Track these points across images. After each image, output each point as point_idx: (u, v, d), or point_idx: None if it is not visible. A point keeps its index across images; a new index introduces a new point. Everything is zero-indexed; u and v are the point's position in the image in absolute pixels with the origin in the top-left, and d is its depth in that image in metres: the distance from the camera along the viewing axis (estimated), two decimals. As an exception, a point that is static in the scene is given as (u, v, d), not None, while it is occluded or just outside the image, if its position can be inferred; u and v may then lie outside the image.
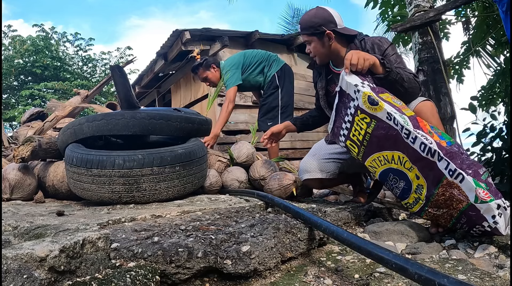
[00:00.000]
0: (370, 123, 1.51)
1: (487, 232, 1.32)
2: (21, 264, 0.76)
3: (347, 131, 1.65)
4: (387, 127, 1.45)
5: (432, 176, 1.37)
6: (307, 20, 1.89)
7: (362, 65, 1.57)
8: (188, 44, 5.52)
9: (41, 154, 2.21)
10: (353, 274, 1.11)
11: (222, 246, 1.06)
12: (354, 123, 1.59)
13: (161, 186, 1.80)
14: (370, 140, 1.55)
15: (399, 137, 1.42)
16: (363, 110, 1.51)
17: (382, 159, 1.54)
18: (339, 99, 1.67)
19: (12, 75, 14.42)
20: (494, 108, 4.39)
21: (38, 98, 13.43)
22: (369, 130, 1.53)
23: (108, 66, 15.67)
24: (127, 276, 0.84)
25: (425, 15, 3.34)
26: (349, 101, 1.58)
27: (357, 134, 1.59)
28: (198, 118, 2.24)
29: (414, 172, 1.43)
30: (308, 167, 2.07)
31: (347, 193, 3.13)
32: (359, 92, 1.51)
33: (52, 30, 15.78)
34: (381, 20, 5.18)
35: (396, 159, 1.48)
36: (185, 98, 6.77)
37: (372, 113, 1.48)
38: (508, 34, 2.30)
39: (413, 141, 1.37)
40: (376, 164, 1.57)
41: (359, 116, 1.54)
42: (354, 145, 1.64)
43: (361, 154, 1.62)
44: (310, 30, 1.88)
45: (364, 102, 1.49)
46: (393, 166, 1.51)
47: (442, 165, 1.32)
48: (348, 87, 1.58)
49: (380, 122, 1.47)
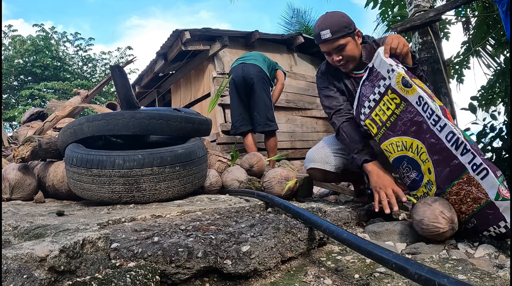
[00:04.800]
0: (400, 104, 1.50)
1: (499, 234, 1.29)
2: (21, 264, 0.76)
3: (369, 110, 1.63)
4: (415, 112, 1.44)
5: (448, 172, 1.34)
6: (337, 21, 1.75)
7: (401, 50, 1.58)
8: (188, 44, 5.52)
9: (41, 154, 2.21)
10: (353, 274, 1.11)
11: (222, 246, 1.06)
12: (381, 103, 1.57)
13: (161, 186, 1.80)
14: (394, 122, 1.53)
15: (424, 125, 1.40)
16: (394, 90, 1.50)
17: (400, 144, 1.52)
18: (367, 76, 1.63)
19: (12, 75, 14.42)
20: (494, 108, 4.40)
21: (38, 98, 13.43)
22: (397, 111, 1.51)
23: (108, 66, 15.66)
24: (127, 276, 0.84)
25: (425, 15, 3.34)
26: (379, 80, 1.57)
27: (381, 114, 1.58)
28: (198, 118, 2.24)
29: (427, 166, 1.42)
30: (314, 157, 2.06)
31: (347, 193, 3.13)
32: (393, 71, 1.49)
33: (52, 30, 15.79)
34: (381, 20, 5.18)
35: (414, 148, 1.47)
36: (185, 98, 6.76)
37: (403, 94, 1.47)
38: (508, 34, 2.30)
39: (440, 129, 1.34)
40: (393, 148, 1.55)
41: (389, 96, 1.53)
42: (373, 125, 1.62)
43: (380, 135, 1.60)
44: (345, 31, 1.75)
45: (397, 83, 1.48)
46: (409, 154, 1.49)
47: (465, 159, 1.28)
48: (381, 66, 1.56)
49: (409, 106, 1.46)
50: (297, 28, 11.73)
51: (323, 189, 3.64)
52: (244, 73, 3.63)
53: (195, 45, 5.62)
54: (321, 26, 1.76)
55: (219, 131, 5.51)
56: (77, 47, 16.40)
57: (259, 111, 3.61)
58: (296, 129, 6.50)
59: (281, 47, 6.65)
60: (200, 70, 6.20)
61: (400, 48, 1.57)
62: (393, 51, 1.57)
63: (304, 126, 6.71)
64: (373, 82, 1.60)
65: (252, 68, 3.68)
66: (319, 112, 7.05)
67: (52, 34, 15.76)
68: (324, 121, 7.11)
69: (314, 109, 6.97)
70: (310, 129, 6.80)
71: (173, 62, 6.42)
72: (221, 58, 5.84)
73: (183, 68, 6.72)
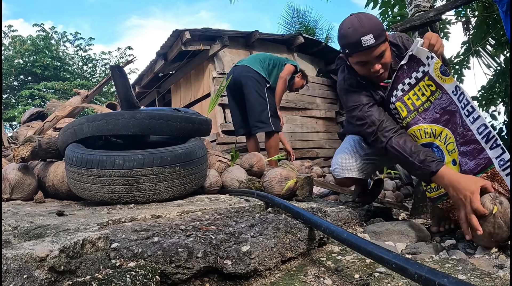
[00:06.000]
0: (435, 91, 1.51)
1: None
2: (21, 264, 0.76)
3: (401, 93, 1.62)
4: (449, 101, 1.45)
5: (473, 165, 1.34)
6: (376, 24, 1.54)
7: (438, 48, 1.57)
8: (188, 44, 5.53)
9: (41, 154, 2.21)
10: (353, 274, 1.11)
11: (222, 246, 1.06)
12: (416, 87, 1.57)
13: (161, 186, 1.80)
14: (427, 108, 1.54)
15: (456, 114, 1.41)
16: (431, 77, 1.51)
17: (429, 131, 1.53)
18: (407, 61, 1.60)
19: (12, 75, 14.42)
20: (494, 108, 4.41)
21: (38, 98, 13.43)
22: (431, 98, 1.53)
23: (108, 66, 15.67)
24: (127, 276, 0.84)
25: (425, 15, 3.34)
26: (419, 65, 1.57)
27: (415, 99, 1.58)
28: (198, 118, 2.24)
29: (452, 156, 1.42)
30: (349, 165, 1.92)
31: (347, 193, 3.13)
32: (432, 58, 1.50)
33: (52, 30, 15.80)
34: (381, 20, 5.18)
35: (442, 136, 1.48)
36: (185, 98, 6.77)
37: (440, 82, 1.48)
38: (508, 34, 2.30)
39: (473, 121, 1.35)
40: (420, 134, 1.55)
41: (425, 82, 1.54)
42: (403, 108, 1.61)
43: (409, 119, 1.59)
44: (384, 35, 1.55)
45: (435, 70, 1.49)
46: (437, 142, 1.50)
47: (494, 153, 1.28)
48: (420, 53, 1.56)
49: (445, 94, 1.47)
50: (297, 28, 11.74)
51: (323, 189, 3.64)
52: (235, 76, 3.63)
53: (195, 45, 5.62)
54: (361, 31, 1.50)
55: (219, 131, 5.51)
56: (77, 47, 16.42)
57: (250, 114, 3.59)
58: (296, 129, 6.51)
59: (281, 47, 6.65)
60: (200, 70, 6.20)
61: (437, 46, 1.56)
62: (432, 47, 1.55)
63: (304, 126, 6.71)
64: (412, 67, 1.59)
65: (241, 69, 3.65)
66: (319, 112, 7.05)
67: (52, 34, 15.77)
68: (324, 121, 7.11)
69: (314, 109, 6.97)
70: (310, 129, 6.80)
71: (173, 62, 6.43)
72: (221, 58, 5.84)
73: (183, 68, 6.72)
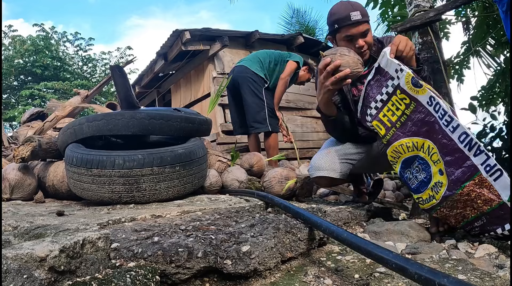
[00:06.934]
0: (409, 104, 1.46)
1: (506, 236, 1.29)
2: (21, 264, 0.76)
3: (375, 111, 1.60)
4: (426, 112, 1.41)
5: (460, 173, 1.32)
6: (360, 7, 1.76)
7: (407, 53, 1.54)
8: (188, 44, 5.53)
9: (41, 154, 2.21)
10: (353, 274, 1.11)
11: (222, 246, 1.06)
12: (389, 103, 1.54)
13: (161, 186, 1.81)
14: (404, 122, 1.50)
15: (435, 125, 1.38)
16: (404, 90, 1.46)
17: (411, 145, 1.49)
18: (373, 76, 1.60)
19: (12, 75, 14.42)
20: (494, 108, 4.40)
21: (38, 98, 13.44)
22: (407, 111, 1.48)
23: (108, 66, 15.68)
24: (127, 276, 0.84)
25: (425, 15, 3.33)
26: (387, 79, 1.53)
27: (390, 115, 1.54)
28: (198, 118, 2.24)
29: (438, 167, 1.39)
30: (320, 164, 1.97)
31: (347, 193, 3.13)
32: (402, 71, 1.46)
33: (52, 30, 15.81)
34: (381, 20, 5.17)
35: (425, 148, 1.44)
36: (185, 98, 6.77)
37: (413, 94, 1.44)
38: (508, 34, 2.30)
39: (452, 130, 1.32)
40: (403, 149, 1.52)
41: (398, 96, 1.50)
42: (381, 126, 1.58)
43: (388, 136, 1.56)
44: (368, 17, 1.77)
45: (406, 83, 1.44)
46: (420, 154, 1.46)
47: (478, 160, 1.27)
48: (388, 65, 1.52)
49: (420, 106, 1.43)
50: (297, 28, 11.75)
51: (323, 189, 3.64)
52: (233, 76, 3.63)
53: (195, 45, 5.62)
54: (350, 9, 1.74)
55: (219, 131, 5.51)
56: (77, 47, 16.43)
57: (247, 114, 3.59)
58: (296, 129, 6.50)
59: (281, 47, 6.64)
60: (200, 70, 6.20)
61: (406, 51, 1.54)
62: (400, 53, 1.54)
63: (304, 126, 6.71)
64: (380, 82, 1.57)
65: (238, 70, 3.64)
66: (319, 112, 7.02)
67: (52, 34, 15.78)
68: (324, 121, 7.10)
69: (314, 109, 6.96)
70: (310, 129, 6.80)
71: (173, 62, 6.42)
72: (221, 58, 5.84)
73: (183, 68, 6.72)
